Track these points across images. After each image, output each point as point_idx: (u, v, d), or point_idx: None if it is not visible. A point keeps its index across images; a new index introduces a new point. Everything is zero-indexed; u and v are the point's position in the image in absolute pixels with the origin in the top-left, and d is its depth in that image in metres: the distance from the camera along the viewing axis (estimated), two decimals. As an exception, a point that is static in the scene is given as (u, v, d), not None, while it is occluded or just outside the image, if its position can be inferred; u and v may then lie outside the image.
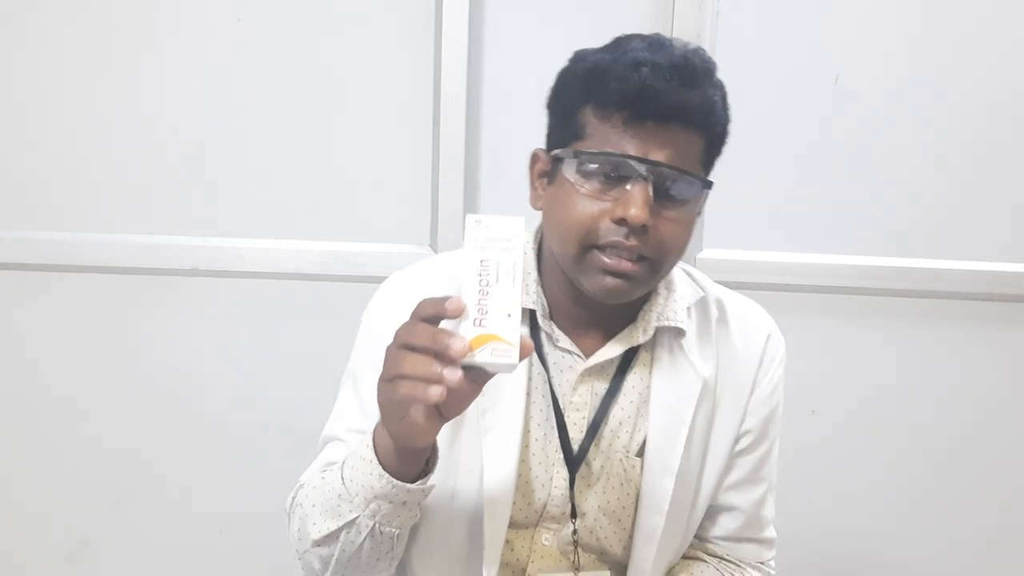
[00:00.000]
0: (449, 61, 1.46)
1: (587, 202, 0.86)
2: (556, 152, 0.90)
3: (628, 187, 0.85)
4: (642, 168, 0.84)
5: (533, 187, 0.96)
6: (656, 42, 0.88)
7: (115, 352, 1.58)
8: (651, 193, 0.84)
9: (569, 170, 0.88)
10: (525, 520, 0.96)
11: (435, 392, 0.68)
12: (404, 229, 1.53)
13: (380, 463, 0.79)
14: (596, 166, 0.86)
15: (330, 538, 0.85)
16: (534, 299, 0.95)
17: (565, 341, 0.96)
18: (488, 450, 0.92)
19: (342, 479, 0.83)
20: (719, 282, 1.52)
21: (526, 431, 0.94)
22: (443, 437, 0.92)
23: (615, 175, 0.86)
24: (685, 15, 1.47)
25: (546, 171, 0.93)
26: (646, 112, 0.84)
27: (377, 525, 0.82)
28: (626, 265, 0.86)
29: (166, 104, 1.52)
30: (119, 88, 1.51)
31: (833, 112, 1.52)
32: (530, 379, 0.95)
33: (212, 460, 1.60)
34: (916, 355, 1.58)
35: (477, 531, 0.93)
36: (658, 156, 0.85)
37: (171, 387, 1.58)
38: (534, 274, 0.97)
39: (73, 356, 1.58)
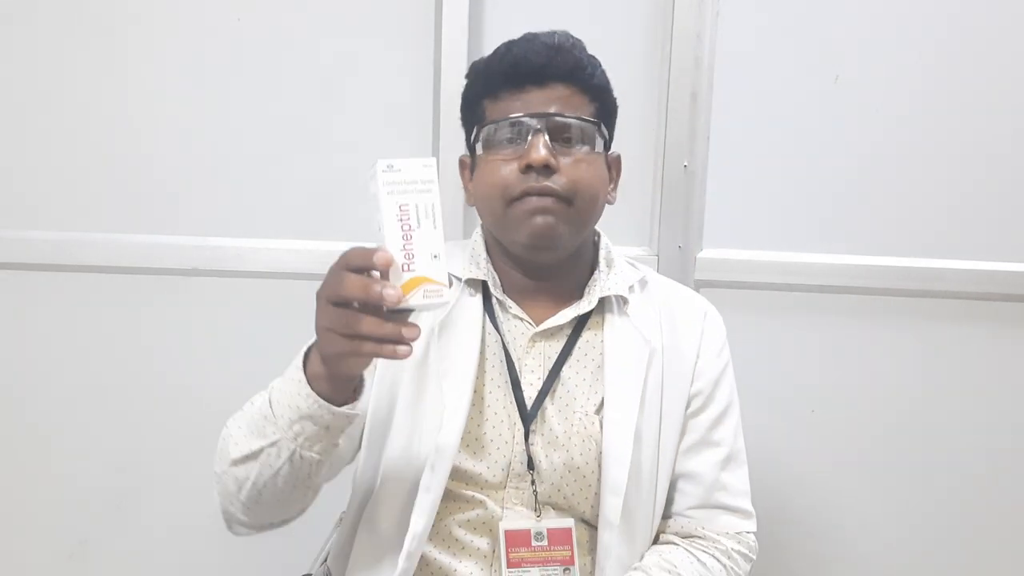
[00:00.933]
0: (449, 61, 1.46)
1: (499, 166, 0.99)
2: (470, 142, 1.05)
3: (527, 140, 0.97)
4: (533, 121, 0.98)
5: (465, 188, 1.10)
6: (527, 34, 1.04)
7: (115, 352, 1.58)
8: (547, 139, 0.97)
9: (479, 148, 1.02)
10: (495, 480, 1.00)
11: (404, 351, 0.73)
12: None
13: (309, 384, 0.82)
14: (498, 134, 1.00)
15: (249, 458, 0.87)
16: (484, 272, 1.06)
17: (516, 309, 1.05)
18: (448, 411, 0.99)
19: (269, 402, 0.86)
20: (719, 282, 1.53)
21: (486, 393, 1.02)
22: (408, 403, 1.00)
23: (515, 137, 0.99)
24: (685, 15, 1.47)
25: (470, 168, 1.07)
26: (525, 79, 0.99)
27: (298, 449, 0.84)
28: (546, 200, 0.97)
29: (166, 104, 1.52)
30: (119, 88, 1.51)
31: (833, 112, 1.52)
32: (484, 344, 1.03)
33: (212, 460, 1.60)
34: (916, 355, 1.58)
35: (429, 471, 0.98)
36: (545, 109, 0.98)
37: (171, 387, 1.58)
38: (484, 254, 1.08)
39: (73, 356, 1.58)
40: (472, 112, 1.05)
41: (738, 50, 1.50)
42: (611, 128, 1.07)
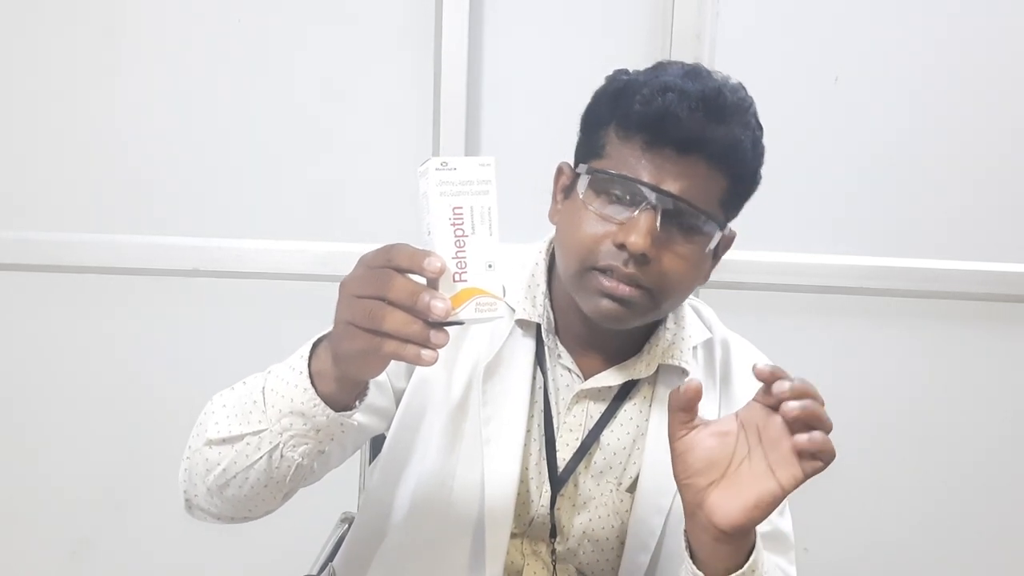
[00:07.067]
0: (449, 61, 1.46)
1: (594, 222, 0.85)
2: (576, 168, 0.90)
3: (635, 213, 0.83)
4: (652, 196, 0.82)
5: (554, 199, 0.94)
6: (693, 71, 0.86)
7: (115, 352, 1.58)
8: (658, 223, 0.82)
9: (582, 187, 0.86)
10: (517, 529, 0.95)
11: (429, 357, 0.65)
12: (404, 229, 1.53)
13: (311, 379, 0.75)
14: (607, 187, 0.85)
15: (227, 442, 0.80)
16: (540, 312, 0.94)
17: (567, 358, 0.95)
18: (489, 461, 0.91)
19: (262, 388, 0.79)
20: (719, 283, 1.53)
21: (525, 444, 0.93)
22: (442, 444, 0.92)
23: (625, 199, 0.84)
24: (685, 15, 1.47)
25: (567, 185, 0.92)
26: (665, 139, 0.82)
27: (281, 445, 0.77)
28: (624, 290, 0.84)
29: (166, 104, 1.52)
30: (119, 88, 1.51)
31: (833, 112, 1.52)
32: (533, 392, 0.94)
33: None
34: (916, 355, 1.58)
35: (479, 541, 0.92)
36: (671, 187, 0.82)
37: (171, 387, 1.58)
38: (543, 287, 0.95)
39: (73, 356, 1.58)
40: (596, 129, 0.88)
41: (738, 50, 1.50)
42: (741, 206, 0.93)
